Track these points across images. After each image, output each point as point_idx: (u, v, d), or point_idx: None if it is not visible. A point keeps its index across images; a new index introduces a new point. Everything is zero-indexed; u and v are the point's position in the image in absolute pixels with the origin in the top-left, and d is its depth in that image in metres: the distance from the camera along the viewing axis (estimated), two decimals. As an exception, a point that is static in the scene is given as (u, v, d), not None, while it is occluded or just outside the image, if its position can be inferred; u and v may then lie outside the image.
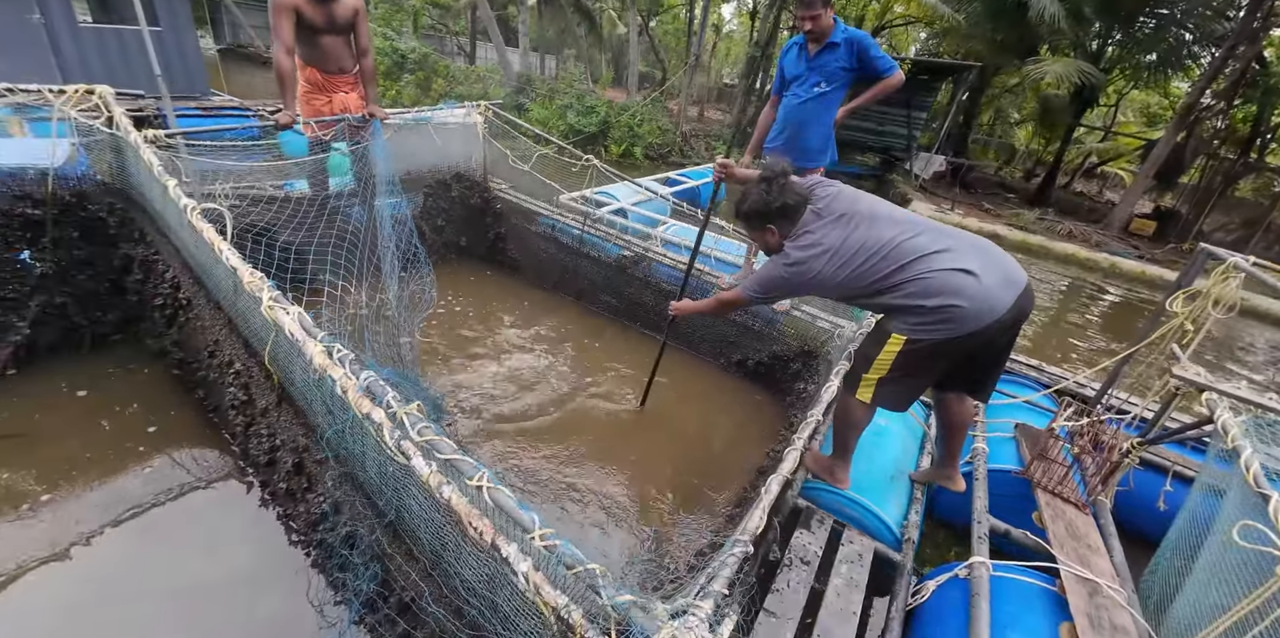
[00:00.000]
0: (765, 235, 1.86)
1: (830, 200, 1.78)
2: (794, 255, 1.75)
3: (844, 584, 1.74)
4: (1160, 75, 11.93)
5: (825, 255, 1.71)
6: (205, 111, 6.63)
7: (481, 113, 4.16)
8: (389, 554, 1.44)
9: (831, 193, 1.81)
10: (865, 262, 1.67)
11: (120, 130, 2.59)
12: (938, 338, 1.63)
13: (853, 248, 1.68)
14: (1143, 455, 2.37)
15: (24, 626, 1.67)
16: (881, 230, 1.68)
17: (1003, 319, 1.59)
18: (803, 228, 1.77)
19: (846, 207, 1.75)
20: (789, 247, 1.78)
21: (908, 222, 1.72)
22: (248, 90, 10.23)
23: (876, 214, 1.73)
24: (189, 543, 1.99)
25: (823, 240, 1.72)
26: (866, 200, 1.79)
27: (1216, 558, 1.52)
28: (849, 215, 1.73)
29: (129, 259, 2.80)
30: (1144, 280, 8.52)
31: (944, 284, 1.58)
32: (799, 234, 1.77)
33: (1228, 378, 5.28)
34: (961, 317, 1.58)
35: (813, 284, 1.77)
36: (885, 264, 1.65)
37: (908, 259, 1.63)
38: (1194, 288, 2.31)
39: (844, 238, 1.70)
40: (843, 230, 1.71)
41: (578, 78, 13.44)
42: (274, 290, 1.62)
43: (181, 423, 2.48)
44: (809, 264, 1.73)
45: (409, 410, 1.30)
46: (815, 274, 1.72)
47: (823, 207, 1.77)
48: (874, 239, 1.67)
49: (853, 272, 1.68)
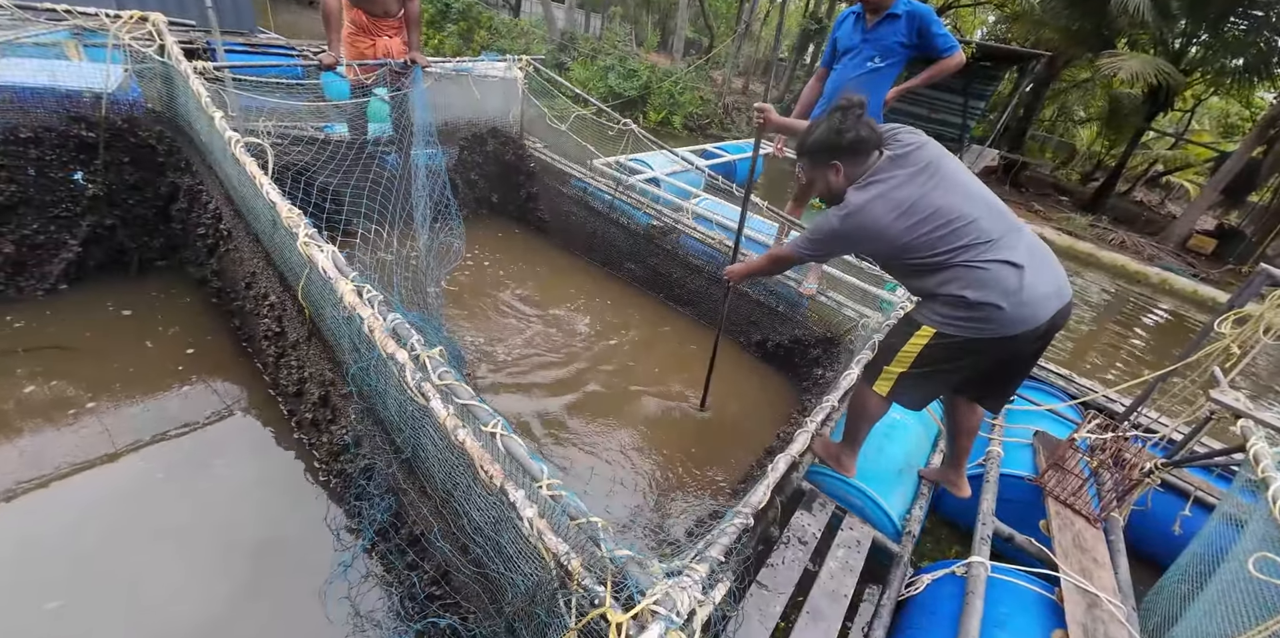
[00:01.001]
0: (828, 175, 1.63)
1: (913, 150, 1.57)
2: (855, 201, 1.54)
3: (839, 567, 1.76)
4: (1245, 83, 11.06)
5: (892, 207, 1.51)
6: (252, 48, 6.64)
7: (522, 68, 4.08)
8: (403, 489, 1.49)
9: (915, 142, 1.60)
10: (933, 230, 1.50)
11: (172, 59, 2.61)
12: (969, 336, 1.56)
13: (924, 210, 1.50)
14: (1165, 477, 2.31)
15: (62, 522, 1.80)
16: (958, 200, 1.52)
17: (1038, 329, 1.54)
18: (873, 172, 1.57)
19: (929, 161, 1.55)
20: (852, 192, 1.57)
21: (983, 199, 1.56)
22: (292, 29, 10.17)
23: (958, 181, 1.55)
24: (217, 462, 2.09)
25: (893, 192, 1.52)
26: (951, 163, 1.59)
27: (1226, 587, 1.49)
28: (929, 172, 1.54)
29: (175, 187, 2.86)
30: (1195, 300, 8.14)
31: (994, 280, 1.49)
32: (868, 178, 1.57)
33: (1269, 407, 5.09)
34: (1000, 319, 1.51)
35: (869, 237, 1.56)
36: (951, 239, 1.50)
37: (971, 240, 1.50)
38: (1246, 311, 2.20)
39: (919, 195, 1.51)
40: (918, 187, 1.52)
41: (622, 39, 13.01)
42: (310, 227, 1.65)
43: (218, 349, 2.58)
44: (870, 211, 1.52)
45: (431, 354, 1.32)
46: (875, 225, 1.52)
47: (901, 154, 1.57)
48: (948, 208, 1.50)
49: (916, 237, 1.52)
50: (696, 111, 11.02)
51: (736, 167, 7.11)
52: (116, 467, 2.00)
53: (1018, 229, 1.57)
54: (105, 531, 1.79)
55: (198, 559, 1.75)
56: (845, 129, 1.56)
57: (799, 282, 3.27)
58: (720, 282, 3.53)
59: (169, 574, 1.69)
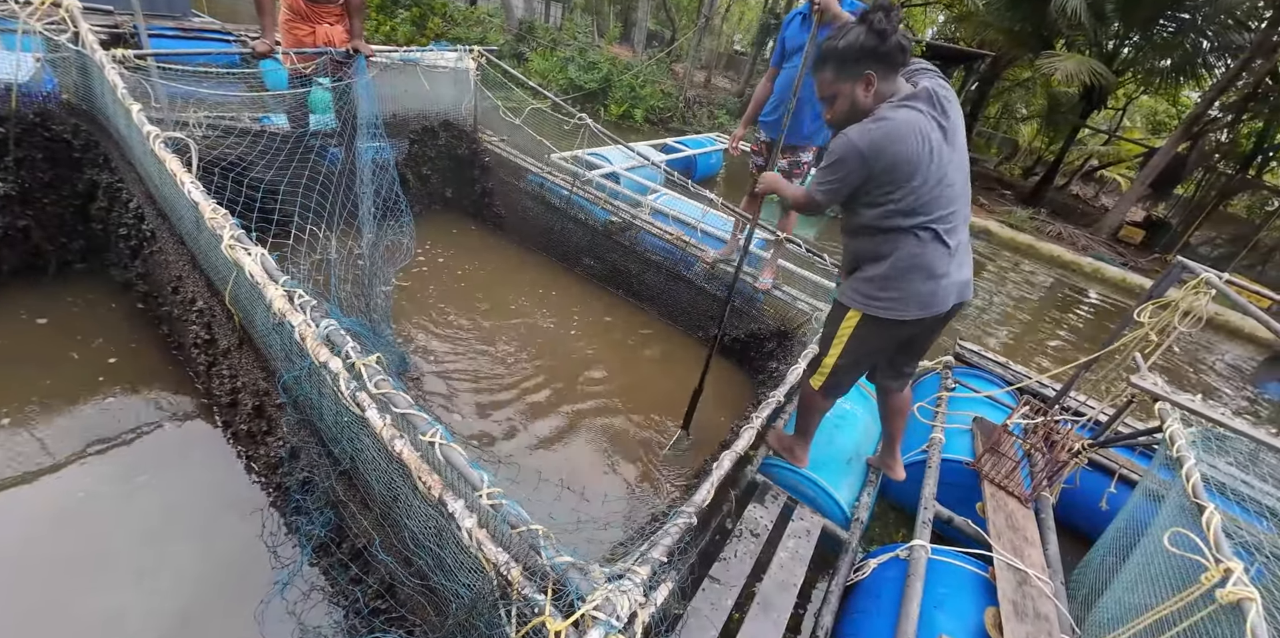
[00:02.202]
0: (856, 89, 1.46)
1: (941, 92, 1.45)
2: (890, 114, 1.40)
3: (789, 557, 1.81)
4: (1172, 82, 11.80)
5: (922, 140, 1.39)
6: (184, 33, 6.24)
7: (475, 58, 3.97)
8: (343, 502, 1.44)
9: (943, 85, 1.48)
10: (928, 185, 1.45)
11: (86, 48, 2.42)
12: (885, 317, 1.65)
13: (936, 160, 1.43)
14: (1092, 457, 2.46)
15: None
16: (956, 170, 1.49)
17: (939, 315, 1.65)
18: (911, 97, 1.44)
19: (954, 118, 1.45)
20: (887, 108, 1.43)
21: (967, 179, 1.55)
22: (232, 14, 9.61)
23: (963, 151, 1.50)
24: (148, 477, 1.98)
25: (929, 129, 1.40)
26: (960, 122, 1.50)
27: (1146, 560, 1.59)
28: (953, 129, 1.45)
29: (94, 185, 2.67)
30: (1124, 288, 8.67)
31: (927, 261, 1.55)
32: (904, 100, 1.43)
33: (1188, 390, 5.47)
34: (913, 301, 1.60)
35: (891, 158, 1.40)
36: (930, 203, 1.47)
37: (941, 213, 1.48)
38: (1165, 299, 2.35)
39: (939, 144, 1.42)
40: (935, 143, 1.42)
41: (583, 30, 12.84)
42: (237, 229, 1.56)
43: (145, 357, 2.43)
44: (905, 128, 1.38)
45: (368, 362, 1.27)
46: (903, 146, 1.38)
47: (931, 89, 1.44)
48: (950, 172, 1.47)
49: (915, 183, 1.44)
50: (658, 105, 10.99)
51: (697, 161, 7.14)
52: (31, 489, 1.87)
53: (967, 218, 1.63)
54: (17, 559, 1.67)
55: (123, 586, 1.65)
56: (888, 31, 1.38)
57: (755, 276, 3.32)
58: (682, 278, 3.55)
59: (92, 604, 1.59)
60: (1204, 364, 6.60)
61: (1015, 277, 8.26)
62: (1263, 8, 9.72)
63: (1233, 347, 7.46)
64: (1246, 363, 7.03)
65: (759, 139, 3.05)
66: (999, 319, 6.23)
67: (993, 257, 8.82)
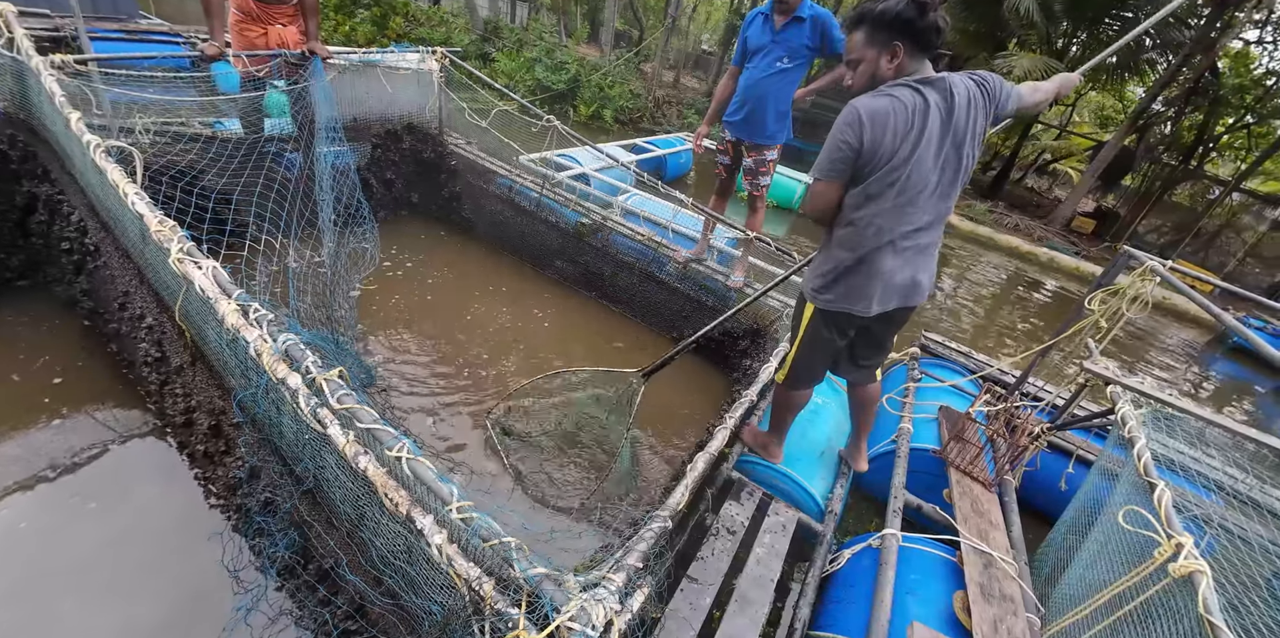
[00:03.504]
0: (880, 58, 1.42)
1: (962, 89, 1.43)
2: (893, 92, 1.40)
3: (765, 553, 1.83)
4: (1118, 79, 12.31)
5: (909, 126, 1.38)
6: (130, 36, 5.96)
7: (439, 60, 3.90)
8: (307, 522, 1.40)
9: (974, 83, 1.46)
10: (900, 170, 1.43)
11: (21, 54, 2.30)
12: (831, 310, 1.71)
13: (927, 156, 1.42)
14: (1051, 440, 2.56)
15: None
16: (934, 167, 1.46)
17: (887, 314, 1.70)
18: (932, 82, 1.42)
19: (962, 108, 1.43)
20: (897, 85, 1.42)
21: (952, 177, 1.51)
22: (181, 14, 9.23)
23: (959, 144, 1.46)
24: (100, 503, 1.89)
25: (925, 115, 1.39)
26: (970, 125, 1.47)
27: (1104, 538, 1.66)
28: (951, 125, 1.43)
29: (33, 198, 2.54)
30: (1078, 276, 9.02)
31: (862, 263, 1.60)
32: (923, 82, 1.42)
33: (1139, 373, 5.72)
34: (849, 297, 1.65)
35: (886, 130, 1.39)
36: (897, 188, 1.46)
37: (892, 209, 1.49)
38: (1113, 287, 2.45)
39: (939, 139, 1.41)
40: (938, 137, 1.41)
41: (549, 30, 12.74)
42: (186, 241, 1.50)
43: (93, 377, 2.32)
44: (897, 107, 1.38)
45: (329, 376, 1.24)
46: (896, 123, 1.38)
47: (951, 82, 1.42)
48: (932, 169, 1.46)
49: (898, 169, 1.43)
50: (627, 105, 10.97)
51: (667, 160, 7.17)
52: None
53: (942, 217, 1.59)
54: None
55: (77, 621, 1.57)
56: (930, 6, 1.35)
57: (727, 275, 3.35)
58: (654, 279, 3.54)
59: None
60: (1156, 346, 6.92)
61: (977, 268, 8.51)
62: (1201, 6, 10.22)
63: (1181, 329, 7.84)
64: (1194, 343, 7.40)
65: (724, 138, 3.08)
66: (963, 309, 6.42)
67: (955, 249, 9.08)
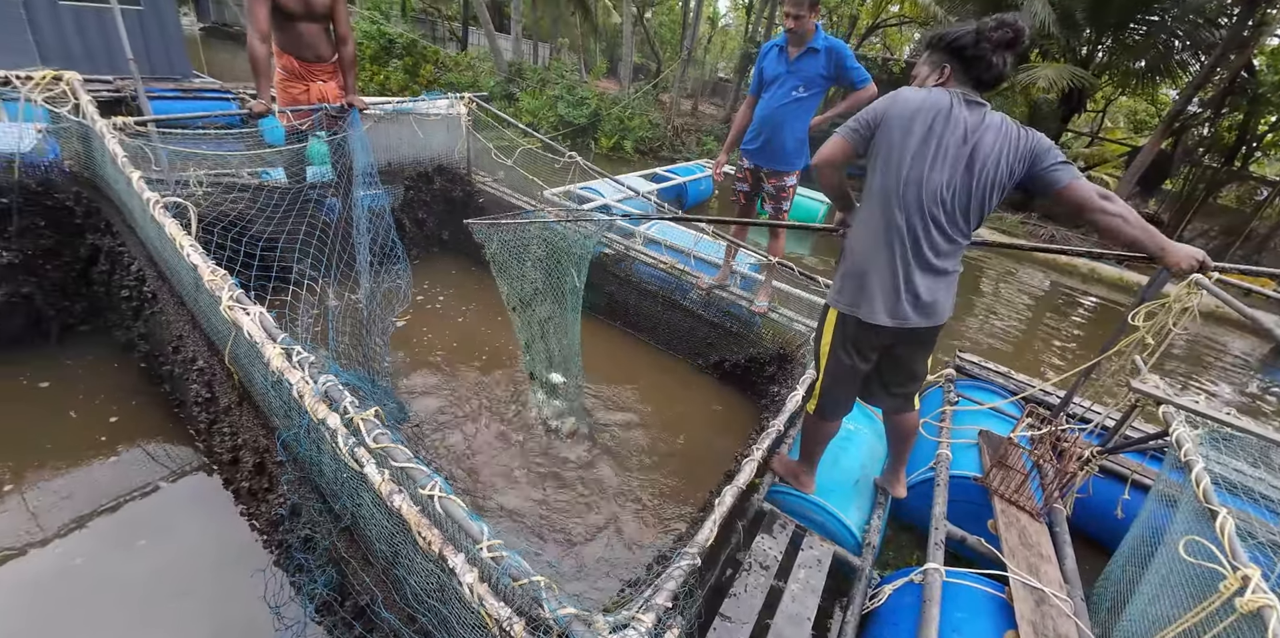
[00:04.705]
0: (932, 74, 1.58)
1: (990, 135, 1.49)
2: (933, 93, 1.51)
3: (800, 589, 1.77)
4: (1149, 82, 12.03)
5: (926, 121, 1.47)
6: (185, 94, 6.50)
7: (466, 105, 4.11)
8: (345, 559, 1.44)
9: (1001, 136, 1.51)
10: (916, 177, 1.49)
11: (87, 119, 2.53)
12: (848, 314, 1.67)
13: (922, 159, 1.48)
14: (1103, 464, 2.43)
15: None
16: (935, 175, 1.50)
17: (907, 331, 1.66)
18: (962, 93, 1.51)
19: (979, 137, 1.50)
20: (938, 89, 1.53)
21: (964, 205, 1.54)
22: (230, 71, 9.99)
23: (974, 173, 1.50)
24: (148, 539, 1.98)
25: (949, 118, 1.47)
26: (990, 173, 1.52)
27: (1166, 569, 1.55)
28: (971, 142, 1.49)
29: (96, 249, 2.75)
30: (1122, 287, 8.66)
31: (879, 270, 1.59)
32: (954, 91, 1.52)
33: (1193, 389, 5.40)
34: (867, 301, 1.62)
35: (904, 117, 1.49)
36: (905, 198, 1.51)
37: (907, 223, 1.53)
38: (1157, 301, 2.36)
39: (955, 145, 1.48)
40: (955, 146, 1.48)
41: (570, 68, 13.27)
42: (235, 289, 1.60)
43: (146, 416, 2.46)
44: (918, 103, 1.49)
45: (366, 416, 1.29)
46: (913, 114, 1.48)
47: (989, 111, 1.52)
48: (944, 180, 1.50)
49: (904, 170, 1.50)
50: (646, 135, 11.25)
51: (688, 188, 7.28)
52: (30, 555, 1.87)
53: (956, 244, 1.60)
54: (16, 630, 1.66)
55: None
56: (986, 40, 1.46)
57: (750, 300, 3.35)
58: (678, 306, 3.58)
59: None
60: (1211, 357, 6.54)
61: (1011, 282, 8.27)
62: (1230, 4, 9.99)
63: (1239, 338, 7.40)
64: (1252, 353, 6.96)
65: (743, 166, 3.13)
66: (998, 328, 6.22)
67: (987, 263, 8.85)
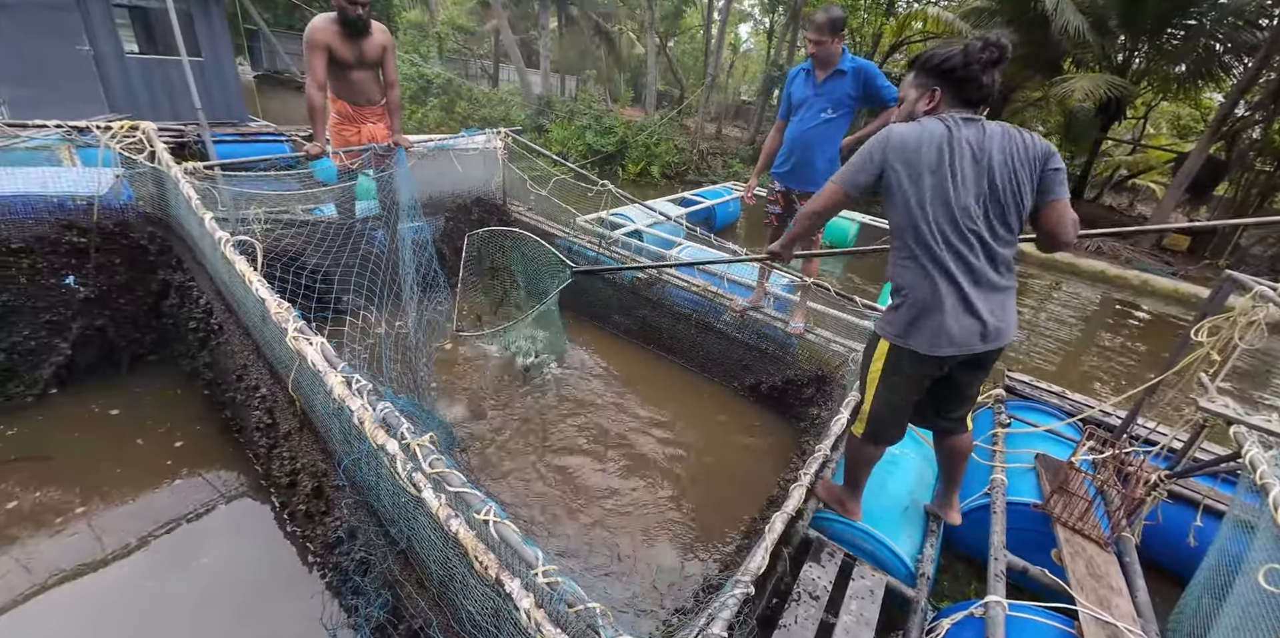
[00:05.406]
0: (919, 100, 1.58)
1: (997, 149, 1.49)
2: (924, 122, 1.51)
3: (853, 622, 1.71)
4: (1190, 86, 11.65)
5: (933, 154, 1.46)
6: (243, 137, 6.99)
7: (502, 139, 4.29)
8: (400, 582, 1.47)
9: (1005, 148, 1.50)
10: (943, 201, 1.47)
11: (162, 165, 2.75)
12: (910, 347, 1.61)
13: (943, 188, 1.46)
14: (1172, 489, 2.29)
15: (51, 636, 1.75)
16: (974, 199, 1.48)
17: (969, 357, 1.60)
18: (952, 115, 1.51)
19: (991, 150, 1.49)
20: (927, 118, 1.53)
21: (986, 232, 1.52)
22: (282, 114, 10.69)
23: (997, 185, 1.49)
24: (206, 562, 2.06)
25: (952, 141, 1.46)
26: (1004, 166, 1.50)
27: (1246, 599, 1.45)
28: (984, 160, 1.48)
29: (166, 284, 2.95)
30: (1178, 298, 8.24)
31: (933, 301, 1.54)
32: (941, 116, 1.52)
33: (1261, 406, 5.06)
34: (927, 335, 1.57)
35: (908, 152, 1.48)
36: (943, 227, 1.48)
37: (956, 240, 1.49)
38: (1221, 315, 2.25)
39: (969, 167, 1.47)
40: (971, 166, 1.47)
41: (596, 98, 13.74)
42: (299, 321, 1.70)
43: (208, 441, 2.58)
44: (916, 138, 1.47)
45: (422, 442, 1.34)
46: (903, 153, 1.48)
47: (986, 145, 1.49)
48: (971, 198, 1.48)
49: (926, 202, 1.48)
50: (673, 160, 11.47)
51: (716, 211, 7.35)
52: (99, 575, 1.97)
53: (993, 266, 1.56)
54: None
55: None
56: (974, 62, 1.48)
57: (786, 321, 3.33)
58: (711, 329, 3.59)
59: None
60: (1286, 375, 6.12)
61: (1059, 297, 7.97)
62: (1271, 5, 9.67)
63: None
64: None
65: (774, 189, 3.16)
66: (1048, 345, 5.98)
67: (1032, 278, 8.58)
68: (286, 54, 16.77)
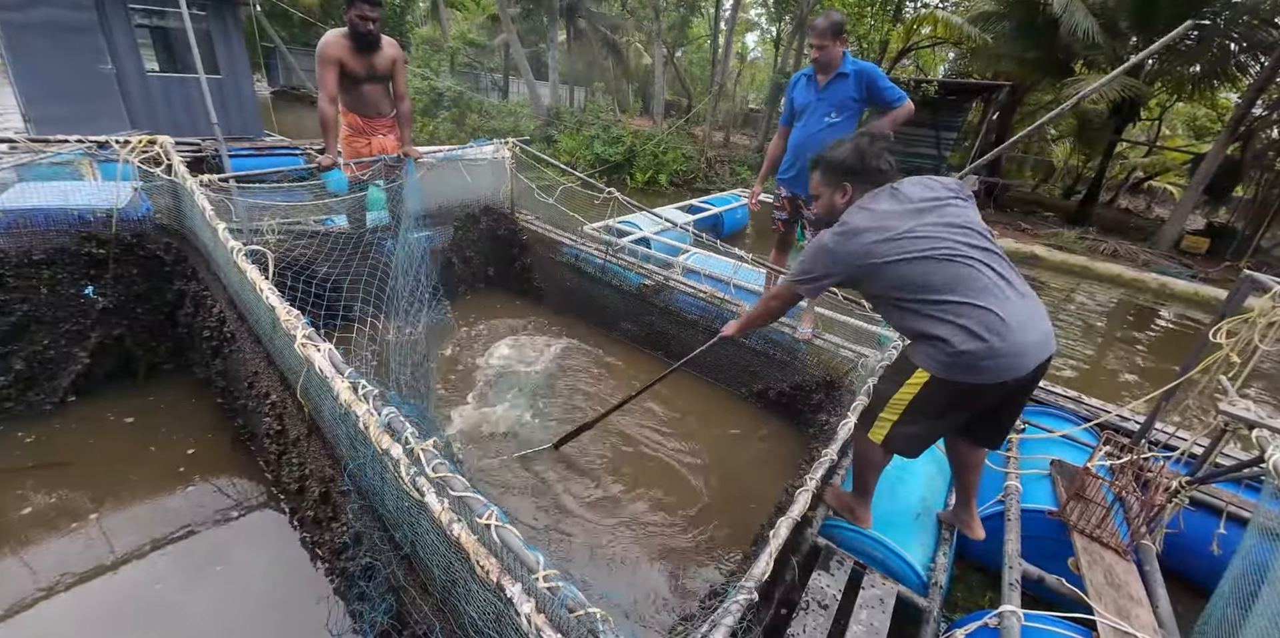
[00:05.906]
0: (834, 196, 1.72)
1: (915, 188, 1.62)
2: (849, 221, 1.59)
3: (863, 632, 1.68)
4: (1206, 87, 11.50)
5: (879, 231, 1.54)
6: (258, 151, 7.17)
7: (510, 149, 4.35)
8: (404, 587, 1.47)
9: (921, 184, 1.64)
10: (918, 259, 1.51)
11: (179, 178, 2.82)
12: (959, 380, 1.54)
13: (912, 238, 1.52)
14: (1193, 495, 2.23)
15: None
16: (952, 237, 1.53)
17: (1022, 378, 1.53)
18: (874, 199, 1.62)
19: (926, 200, 1.59)
20: (847, 213, 1.63)
21: (981, 245, 1.56)
22: (297, 128, 10.93)
23: (957, 222, 1.57)
24: (216, 568, 2.08)
25: (885, 220, 1.55)
26: (958, 208, 1.61)
27: (1275, 609, 1.40)
28: (926, 208, 1.57)
29: (182, 294, 3.01)
30: (1198, 302, 8.08)
31: (979, 327, 1.48)
32: (867, 203, 1.61)
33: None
34: (984, 367, 1.49)
35: (854, 259, 1.56)
36: (939, 281, 1.51)
37: (960, 285, 1.50)
38: (1240, 316, 2.20)
39: (909, 226, 1.53)
40: (911, 219, 1.55)
41: (604, 109, 13.89)
42: (308, 328, 1.72)
43: (220, 448, 2.62)
44: (861, 234, 1.55)
45: (425, 446, 1.34)
46: (861, 247, 1.55)
47: (904, 191, 1.61)
48: (941, 243, 1.52)
49: (903, 269, 1.53)
50: (680, 168, 11.53)
51: (723, 218, 7.37)
52: (117, 575, 2.00)
53: (1009, 278, 1.55)
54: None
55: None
56: (870, 155, 1.65)
57: (794, 327, 3.31)
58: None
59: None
60: (1314, 379, 5.94)
61: (1075, 301, 7.85)
62: (1285, 4, 9.55)
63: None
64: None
65: (780, 195, 3.16)
66: (1064, 349, 5.88)
67: (1045, 283, 8.45)
68: (302, 71, 17.20)
